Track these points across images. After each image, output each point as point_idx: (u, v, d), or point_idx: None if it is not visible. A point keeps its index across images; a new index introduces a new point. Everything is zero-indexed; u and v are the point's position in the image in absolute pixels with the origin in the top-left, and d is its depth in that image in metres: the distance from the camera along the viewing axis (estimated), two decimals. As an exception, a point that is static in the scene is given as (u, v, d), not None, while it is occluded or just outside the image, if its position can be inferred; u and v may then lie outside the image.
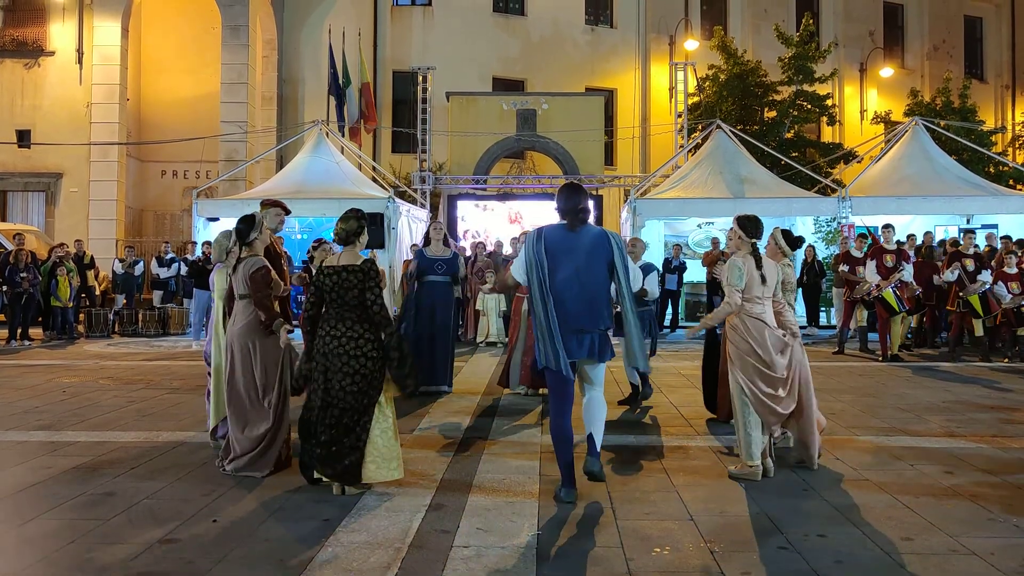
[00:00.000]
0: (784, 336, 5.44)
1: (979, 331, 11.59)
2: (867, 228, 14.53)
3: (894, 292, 11.22)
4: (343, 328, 4.96)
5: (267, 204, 6.55)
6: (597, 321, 4.79)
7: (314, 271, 5.70)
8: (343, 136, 20.70)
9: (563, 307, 4.74)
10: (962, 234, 13.25)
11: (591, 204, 5.08)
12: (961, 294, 11.67)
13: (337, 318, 4.99)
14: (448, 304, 8.80)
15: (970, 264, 11.73)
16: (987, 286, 11.32)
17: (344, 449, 4.89)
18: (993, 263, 12.20)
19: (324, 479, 4.97)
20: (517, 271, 4.95)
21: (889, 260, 11.48)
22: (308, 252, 9.45)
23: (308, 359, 5.11)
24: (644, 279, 7.42)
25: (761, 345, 5.32)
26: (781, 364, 5.37)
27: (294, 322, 6.35)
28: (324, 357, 4.99)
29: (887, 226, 12.01)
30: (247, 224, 5.67)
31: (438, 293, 8.73)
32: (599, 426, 4.92)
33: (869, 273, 11.56)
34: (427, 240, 9.13)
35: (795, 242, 5.85)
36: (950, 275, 11.78)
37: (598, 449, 4.88)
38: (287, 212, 6.61)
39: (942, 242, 14.53)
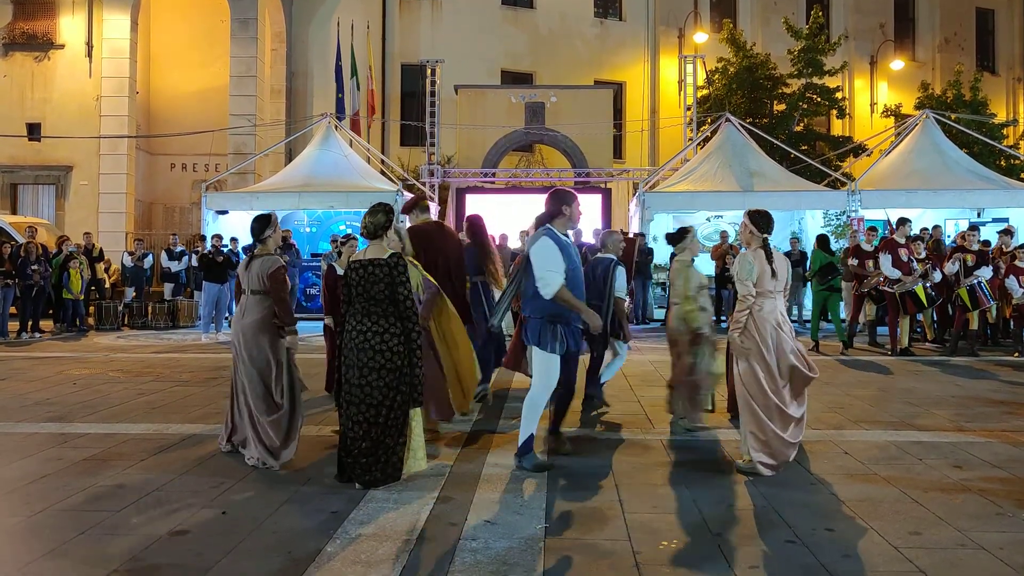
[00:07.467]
0: (791, 335, 5.41)
1: (973, 324, 11.54)
2: (888, 218, 14.41)
3: (925, 287, 11.15)
4: (369, 323, 4.92)
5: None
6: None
7: (336, 267, 5.71)
8: (347, 127, 20.73)
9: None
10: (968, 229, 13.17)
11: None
12: (956, 289, 11.64)
13: (363, 313, 4.94)
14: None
15: (970, 260, 11.67)
16: (977, 280, 11.24)
17: (389, 449, 4.88)
18: (993, 255, 12.14)
19: (359, 486, 4.89)
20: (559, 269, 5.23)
21: (903, 254, 11.43)
22: (334, 246, 9.14)
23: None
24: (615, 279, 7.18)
25: (767, 347, 5.28)
26: (786, 366, 5.32)
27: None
28: (351, 352, 4.96)
29: (902, 220, 11.93)
30: (260, 223, 5.71)
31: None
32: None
33: (886, 268, 11.46)
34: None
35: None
36: (951, 267, 11.74)
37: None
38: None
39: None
